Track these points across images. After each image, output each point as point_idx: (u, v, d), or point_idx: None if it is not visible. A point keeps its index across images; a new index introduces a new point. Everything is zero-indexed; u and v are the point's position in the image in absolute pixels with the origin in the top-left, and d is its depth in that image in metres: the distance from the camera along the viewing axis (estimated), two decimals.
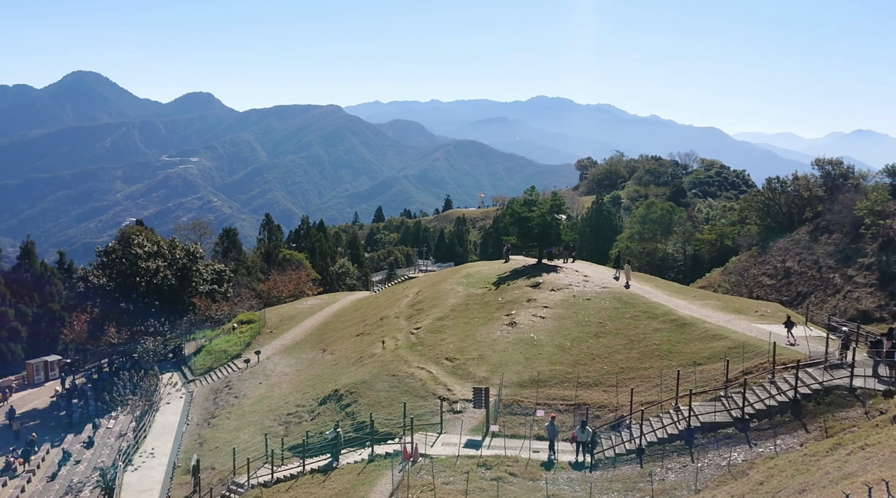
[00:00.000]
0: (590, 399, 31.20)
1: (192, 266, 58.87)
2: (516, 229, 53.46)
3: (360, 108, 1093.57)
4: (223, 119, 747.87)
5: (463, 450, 28.29)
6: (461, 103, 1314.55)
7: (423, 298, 51.12)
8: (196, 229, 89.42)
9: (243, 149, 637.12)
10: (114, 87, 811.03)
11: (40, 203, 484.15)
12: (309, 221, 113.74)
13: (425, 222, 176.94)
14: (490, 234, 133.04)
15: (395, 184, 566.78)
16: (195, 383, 50.78)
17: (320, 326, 57.86)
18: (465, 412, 32.10)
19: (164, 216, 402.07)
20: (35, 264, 70.22)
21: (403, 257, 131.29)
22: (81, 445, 41.45)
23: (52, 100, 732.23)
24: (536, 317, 40.05)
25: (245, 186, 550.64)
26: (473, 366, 36.14)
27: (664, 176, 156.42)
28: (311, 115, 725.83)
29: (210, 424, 42.05)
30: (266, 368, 48.89)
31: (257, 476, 31.23)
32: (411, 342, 42.00)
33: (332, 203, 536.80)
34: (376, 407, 34.19)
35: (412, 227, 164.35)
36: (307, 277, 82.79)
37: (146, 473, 35.75)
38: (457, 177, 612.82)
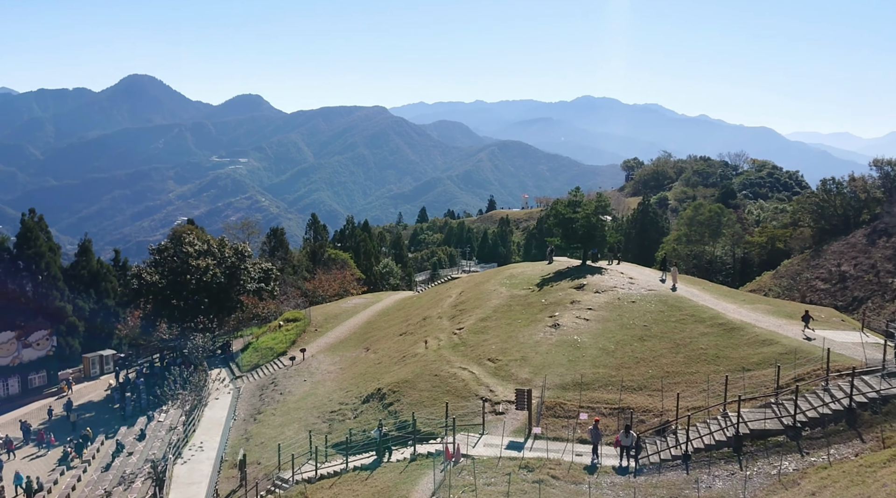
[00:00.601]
0: (634, 403, 30.74)
1: (241, 265, 60.07)
2: (560, 230, 53.01)
3: (404, 110, 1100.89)
4: (271, 120, 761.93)
5: (505, 451, 28.20)
6: (506, 104, 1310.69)
7: (465, 299, 51.14)
8: (244, 228, 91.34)
9: (290, 149, 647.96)
10: (167, 89, 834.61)
11: (97, 202, 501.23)
12: (354, 221, 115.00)
13: (469, 223, 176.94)
14: (534, 235, 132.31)
15: (439, 184, 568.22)
16: (242, 380, 51.85)
17: (364, 325, 58.44)
18: (508, 414, 31.98)
19: (213, 215, 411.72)
20: (92, 261, 72.62)
21: (447, 258, 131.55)
22: (134, 437, 42.76)
23: (109, 102, 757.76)
24: (580, 319, 39.66)
25: (292, 186, 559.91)
26: (516, 367, 35.99)
27: (713, 177, 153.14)
28: (357, 117, 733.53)
29: (256, 419, 42.86)
30: (311, 366, 49.60)
31: (301, 472, 31.71)
32: (454, 343, 42.06)
33: (377, 203, 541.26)
34: (418, 406, 34.35)
35: (455, 228, 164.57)
36: (351, 277, 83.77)
37: (195, 466, 36.65)
38: (500, 177, 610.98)
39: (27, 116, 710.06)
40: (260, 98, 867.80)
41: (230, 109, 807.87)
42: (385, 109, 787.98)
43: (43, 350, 55.36)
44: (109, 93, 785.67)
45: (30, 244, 65.87)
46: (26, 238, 66.06)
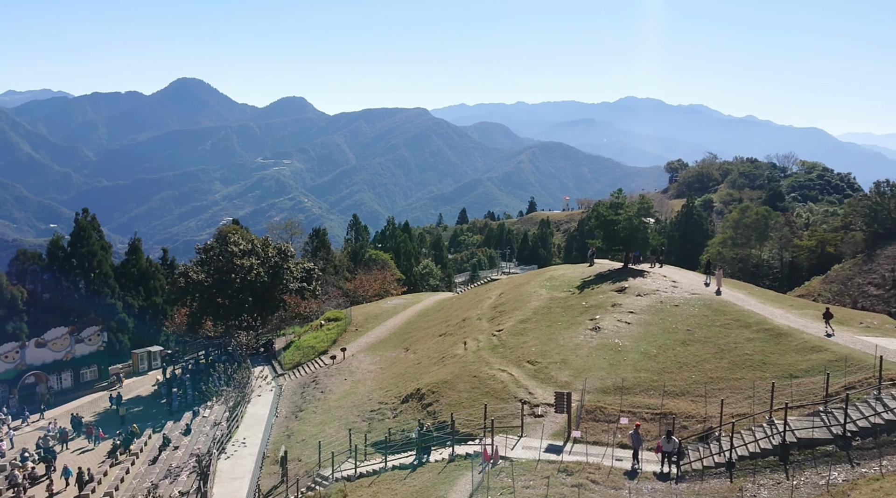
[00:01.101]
0: (676, 409, 30.24)
1: (284, 264, 61.00)
2: (602, 233, 52.45)
3: (446, 111, 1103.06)
4: (315, 122, 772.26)
5: (544, 454, 28.04)
6: (547, 105, 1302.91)
7: (505, 301, 51.01)
8: (288, 229, 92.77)
9: (333, 151, 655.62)
10: (214, 92, 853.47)
11: (147, 202, 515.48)
12: (394, 222, 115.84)
13: (509, 224, 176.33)
14: (574, 237, 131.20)
15: (479, 186, 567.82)
16: (284, 377, 52.67)
17: (404, 326, 58.77)
18: (547, 416, 31.80)
19: (258, 216, 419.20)
20: (141, 260, 74.79)
21: (486, 259, 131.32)
22: (180, 432, 43.81)
23: (160, 105, 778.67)
24: (621, 322, 39.19)
25: (334, 187, 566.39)
26: (555, 370, 35.76)
27: (760, 179, 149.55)
28: (399, 118, 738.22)
29: (297, 417, 43.48)
30: (351, 365, 50.11)
31: (341, 470, 32.06)
32: (493, 344, 42.01)
33: (417, 204, 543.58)
34: (457, 407, 34.40)
35: (495, 230, 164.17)
36: (392, 277, 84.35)
37: (238, 461, 37.38)
38: (541, 179, 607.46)
39: (82, 119, 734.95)
40: (304, 100, 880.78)
41: (275, 112, 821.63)
42: (426, 111, 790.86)
43: (94, 345, 57.15)
44: (159, 96, 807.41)
45: (83, 243, 68.23)
46: (80, 237, 68.45)
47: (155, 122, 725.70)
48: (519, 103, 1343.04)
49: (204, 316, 59.70)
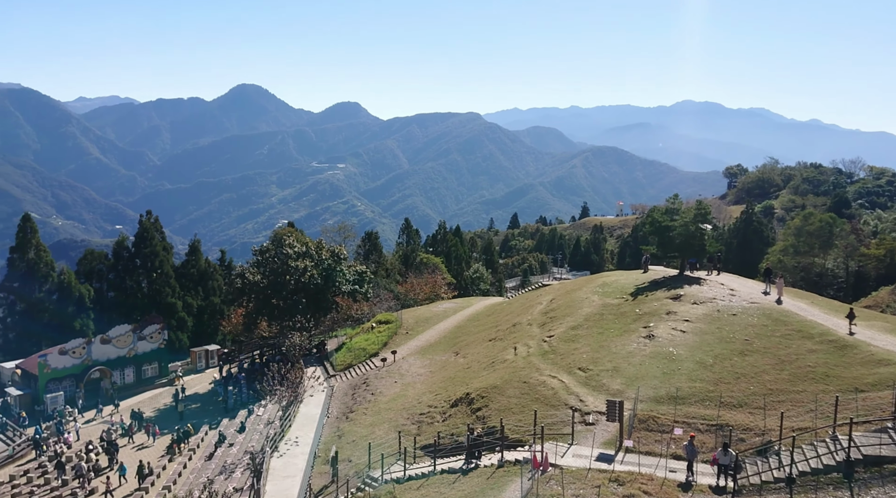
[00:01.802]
0: (733, 420, 29.36)
1: (337, 266, 61.86)
2: (657, 239, 51.42)
3: (498, 116, 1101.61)
4: (368, 127, 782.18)
5: (594, 463, 27.62)
6: (601, 109, 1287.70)
7: (556, 306, 50.53)
8: (341, 232, 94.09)
9: (386, 155, 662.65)
10: (272, 98, 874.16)
11: (207, 205, 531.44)
12: (446, 226, 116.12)
13: (561, 230, 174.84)
14: (628, 243, 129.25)
15: (531, 190, 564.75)
16: (336, 378, 53.39)
17: (454, 330, 58.84)
18: (598, 425, 31.32)
19: (312, 219, 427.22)
20: (200, 261, 77.00)
21: (538, 264, 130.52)
22: (235, 429, 44.90)
23: (220, 111, 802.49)
24: (676, 330, 38.32)
25: (386, 191, 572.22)
26: (607, 378, 35.21)
27: (825, 185, 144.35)
28: (451, 123, 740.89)
29: (348, 418, 44.00)
30: (401, 368, 50.43)
31: (390, 472, 32.28)
32: (544, 350, 41.65)
33: (469, 209, 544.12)
34: (507, 413, 34.22)
35: (547, 235, 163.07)
36: (442, 281, 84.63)
37: (290, 460, 38.04)
38: (594, 184, 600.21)
39: (147, 125, 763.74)
40: (358, 106, 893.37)
41: (330, 117, 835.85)
42: (479, 116, 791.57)
43: (155, 343, 59.10)
44: (220, 102, 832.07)
45: (146, 243, 70.69)
46: (143, 238, 70.95)
47: (215, 127, 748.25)
48: (573, 107, 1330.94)
49: (259, 316, 60.97)
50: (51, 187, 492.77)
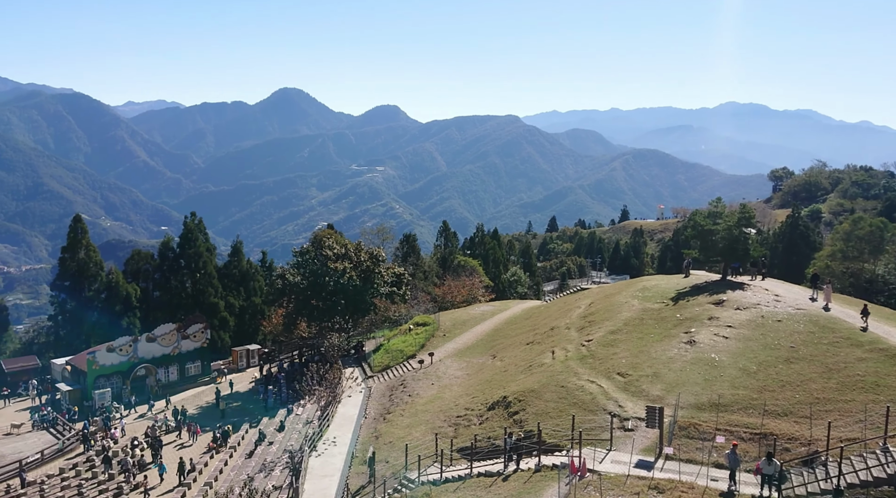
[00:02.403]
0: (778, 429, 28.64)
1: (375, 268, 62.34)
2: (699, 243, 50.48)
3: (537, 118, 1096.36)
4: (407, 130, 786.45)
5: (633, 470, 27.23)
6: (642, 111, 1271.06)
7: (595, 310, 50.02)
8: (379, 234, 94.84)
9: (424, 158, 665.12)
10: (313, 102, 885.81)
11: (249, 207, 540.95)
12: (483, 229, 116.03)
13: (600, 233, 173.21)
14: (669, 247, 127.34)
15: (570, 193, 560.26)
16: (373, 380, 53.77)
17: (491, 333, 58.72)
18: (637, 431, 30.88)
19: (351, 221, 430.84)
20: (242, 262, 78.41)
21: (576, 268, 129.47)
22: (275, 428, 45.57)
23: (262, 114, 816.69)
24: (718, 336, 37.56)
25: (425, 194, 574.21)
26: (647, 383, 34.69)
27: (875, 188, 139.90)
28: (490, 126, 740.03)
29: (385, 419, 44.26)
30: (438, 370, 50.53)
31: (427, 474, 32.35)
32: (582, 354, 41.27)
33: (507, 211, 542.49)
34: (544, 417, 33.99)
35: (586, 238, 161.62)
36: (480, 284, 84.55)
37: (328, 459, 38.45)
38: (634, 187, 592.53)
39: (192, 128, 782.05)
40: (397, 109, 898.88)
41: (369, 120, 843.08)
42: (518, 118, 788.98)
43: (199, 342, 60.36)
44: (262, 105, 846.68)
45: (190, 244, 72.29)
46: (188, 239, 72.58)
47: (258, 131, 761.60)
48: (613, 110, 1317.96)
49: (299, 317, 61.76)
50: (100, 189, 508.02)
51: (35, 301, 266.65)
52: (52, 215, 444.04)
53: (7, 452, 43.28)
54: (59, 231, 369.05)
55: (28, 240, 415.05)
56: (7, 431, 47.52)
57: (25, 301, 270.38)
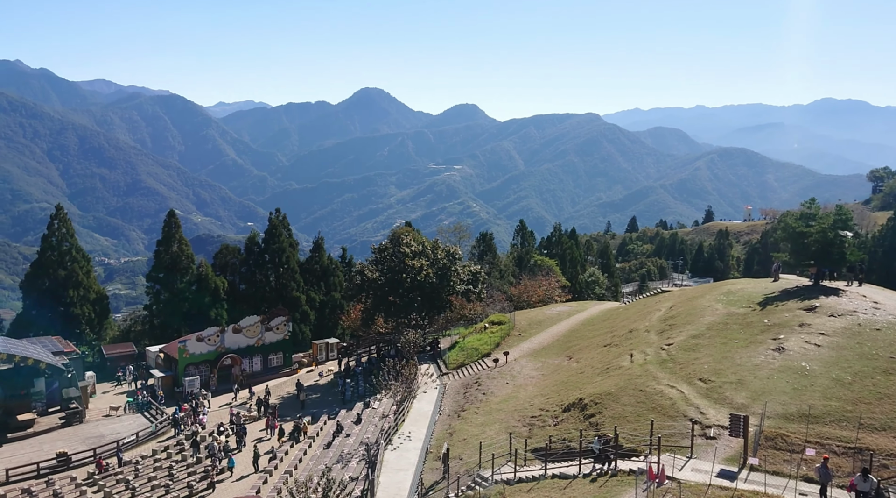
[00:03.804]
0: (874, 444, 26.99)
1: (451, 266, 62.69)
2: (789, 245, 48.15)
3: (618, 116, 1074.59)
4: (485, 129, 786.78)
5: (715, 479, 26.30)
6: (730, 108, 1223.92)
7: (676, 314, 48.56)
8: (456, 232, 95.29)
9: (502, 157, 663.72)
10: (393, 101, 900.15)
11: (330, 204, 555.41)
12: (561, 229, 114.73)
13: (682, 234, 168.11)
14: (756, 249, 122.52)
15: (651, 193, 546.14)
16: (448, 377, 54.12)
17: (567, 334, 57.99)
18: (720, 439, 29.80)
19: (428, 219, 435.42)
20: (323, 257, 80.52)
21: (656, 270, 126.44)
22: (352, 420, 46.62)
23: (344, 114, 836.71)
24: (810, 344, 35.73)
25: (502, 193, 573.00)
26: (731, 390, 33.40)
27: None
28: (569, 124, 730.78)
29: (459, 416, 44.47)
30: (513, 369, 50.34)
31: (501, 473, 32.30)
32: (661, 358, 40.16)
33: (585, 211, 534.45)
34: (621, 421, 33.31)
35: (667, 239, 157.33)
36: (556, 284, 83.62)
37: (403, 453, 39.01)
38: (720, 187, 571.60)
39: (277, 127, 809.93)
40: (476, 107, 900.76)
41: (448, 119, 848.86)
42: (598, 116, 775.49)
43: (281, 334, 62.45)
44: (344, 105, 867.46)
45: (274, 240, 74.86)
46: (272, 234, 75.19)
47: (339, 130, 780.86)
48: (698, 107, 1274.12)
49: (376, 313, 62.87)
50: (192, 186, 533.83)
51: (132, 291, 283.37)
52: (149, 210, 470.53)
53: (106, 432, 46.16)
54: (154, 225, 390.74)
55: (127, 233, 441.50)
56: (106, 413, 50.69)
57: (124, 291, 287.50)
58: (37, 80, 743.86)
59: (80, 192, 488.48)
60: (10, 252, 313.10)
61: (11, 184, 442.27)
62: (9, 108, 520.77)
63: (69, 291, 64.82)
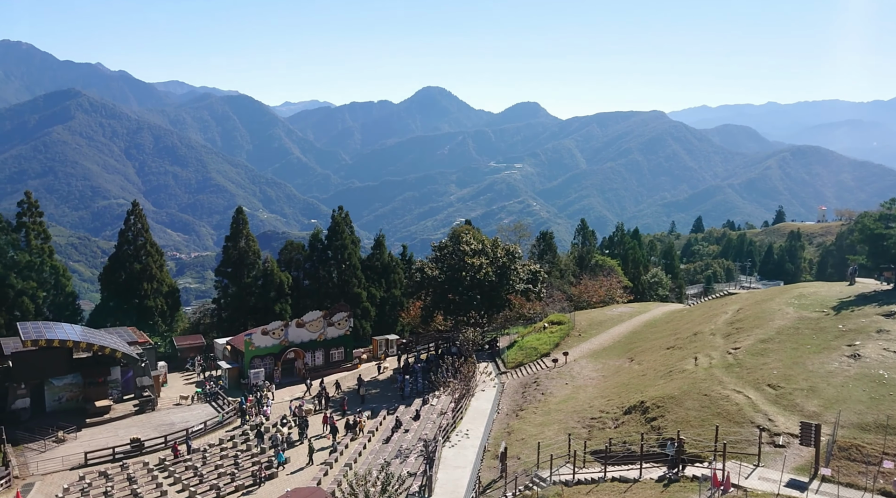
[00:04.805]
0: None
1: (511, 265, 62.44)
2: (867, 248, 46.04)
3: (684, 114, 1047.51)
4: (547, 127, 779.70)
5: (784, 489, 25.40)
6: (803, 105, 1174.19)
7: (744, 317, 47.04)
8: (516, 231, 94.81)
9: (563, 155, 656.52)
10: (454, 100, 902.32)
11: (391, 202, 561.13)
12: (623, 228, 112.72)
13: (750, 235, 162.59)
14: (831, 252, 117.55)
15: (718, 193, 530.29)
16: (506, 375, 53.97)
17: (629, 335, 56.98)
18: (789, 448, 28.74)
19: (488, 217, 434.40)
20: (384, 255, 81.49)
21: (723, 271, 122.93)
22: (410, 416, 47.05)
23: (406, 113, 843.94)
24: (889, 351, 34.05)
25: (562, 192, 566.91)
26: (801, 398, 32.16)
27: None
28: (633, 122, 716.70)
29: (518, 415, 44.29)
30: (572, 370, 49.80)
31: (559, 473, 32.03)
32: (728, 362, 38.99)
33: (648, 211, 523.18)
34: (684, 425, 32.52)
35: (735, 240, 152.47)
36: (618, 284, 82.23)
37: (460, 451, 39.14)
38: (791, 187, 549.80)
39: (341, 127, 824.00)
40: (537, 105, 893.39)
41: (509, 117, 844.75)
42: (663, 114, 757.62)
43: (342, 329, 63.53)
44: (406, 104, 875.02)
45: (337, 236, 76.19)
46: (335, 231, 76.54)
47: (401, 128, 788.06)
48: (769, 104, 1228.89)
49: (436, 310, 63.18)
50: (259, 184, 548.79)
51: (201, 285, 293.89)
52: (218, 207, 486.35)
53: (176, 420, 48.05)
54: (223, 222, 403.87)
55: (197, 229, 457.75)
56: (177, 402, 52.75)
57: (193, 285, 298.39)
58: (116, 82, 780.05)
59: (154, 189, 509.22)
60: (90, 246, 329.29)
61: (91, 181, 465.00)
62: (90, 108, 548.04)
63: (143, 284, 67.62)
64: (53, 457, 40.86)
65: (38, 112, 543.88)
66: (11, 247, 60.92)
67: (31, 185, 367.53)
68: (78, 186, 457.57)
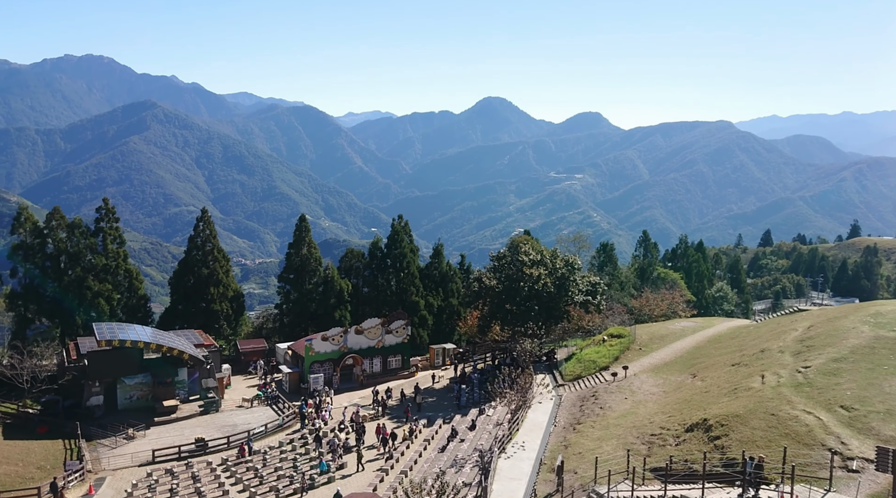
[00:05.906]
0: None
1: (570, 276, 61.75)
2: None
3: (753, 124, 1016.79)
4: (608, 137, 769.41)
5: None
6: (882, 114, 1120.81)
7: (815, 335, 45.14)
8: (576, 242, 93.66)
9: (625, 166, 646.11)
10: (515, 110, 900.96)
11: (450, 212, 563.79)
12: (687, 241, 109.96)
13: (822, 250, 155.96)
14: None
15: (788, 205, 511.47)
16: (564, 388, 53.30)
17: (692, 350, 55.47)
18: (864, 473, 27.37)
19: (547, 228, 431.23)
20: (442, 264, 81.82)
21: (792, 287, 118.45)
22: (466, 426, 46.96)
23: (466, 123, 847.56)
24: None
25: (624, 203, 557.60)
26: (878, 421, 30.59)
27: None
28: (698, 132, 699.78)
29: (575, 429, 43.67)
30: (632, 384, 48.78)
31: (617, 490, 31.37)
32: (797, 381, 37.45)
33: (713, 223, 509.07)
34: (749, 445, 31.38)
35: (806, 255, 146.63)
36: (681, 298, 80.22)
37: (516, 463, 38.82)
38: (868, 200, 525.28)
39: (402, 137, 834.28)
40: (599, 116, 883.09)
41: (570, 127, 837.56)
42: (731, 124, 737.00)
43: (400, 337, 64.04)
44: (467, 114, 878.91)
45: (396, 245, 76.97)
46: (394, 240, 77.35)
47: (462, 138, 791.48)
48: (844, 114, 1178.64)
49: (493, 320, 63.00)
50: (321, 193, 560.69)
51: (265, 291, 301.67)
52: (281, 215, 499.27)
53: (239, 422, 49.36)
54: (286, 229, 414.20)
55: (261, 236, 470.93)
56: (239, 404, 54.21)
57: (257, 290, 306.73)
58: (188, 94, 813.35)
59: (221, 196, 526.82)
60: (162, 251, 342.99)
61: (164, 188, 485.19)
62: (164, 119, 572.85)
63: (210, 289, 69.84)
64: (124, 453, 42.59)
65: (117, 123, 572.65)
66: (90, 251, 63.97)
67: (109, 193, 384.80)
68: (151, 194, 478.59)
